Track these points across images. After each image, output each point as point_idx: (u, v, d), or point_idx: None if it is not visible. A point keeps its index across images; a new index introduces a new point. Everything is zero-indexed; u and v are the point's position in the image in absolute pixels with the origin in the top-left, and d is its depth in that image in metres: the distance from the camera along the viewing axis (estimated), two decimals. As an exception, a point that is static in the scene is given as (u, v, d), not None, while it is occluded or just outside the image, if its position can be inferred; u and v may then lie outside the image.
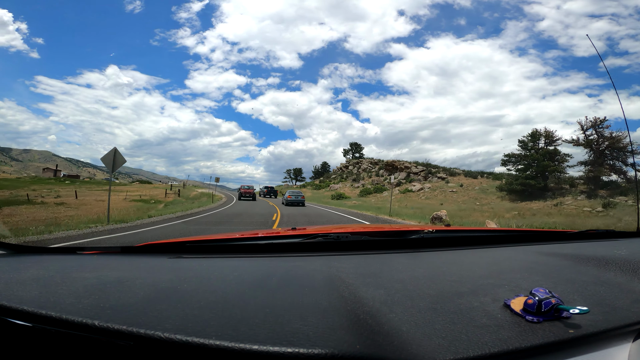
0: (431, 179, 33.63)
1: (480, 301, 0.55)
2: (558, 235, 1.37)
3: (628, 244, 1.10)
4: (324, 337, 0.42)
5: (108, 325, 0.45)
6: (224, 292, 0.59)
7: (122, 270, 0.75)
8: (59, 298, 0.55)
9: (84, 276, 0.69)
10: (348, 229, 1.30)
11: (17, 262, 0.85)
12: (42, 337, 0.49)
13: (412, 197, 28.66)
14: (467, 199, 25.29)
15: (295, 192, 21.39)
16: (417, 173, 35.47)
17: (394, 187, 29.53)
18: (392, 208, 15.56)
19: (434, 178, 33.51)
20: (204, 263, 0.86)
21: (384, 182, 36.71)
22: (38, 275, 0.69)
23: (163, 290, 0.59)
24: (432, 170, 35.22)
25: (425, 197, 27.98)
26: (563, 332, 0.45)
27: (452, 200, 25.00)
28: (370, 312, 0.51)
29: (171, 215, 10.77)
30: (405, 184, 33.98)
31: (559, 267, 0.78)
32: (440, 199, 25.97)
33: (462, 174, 33.34)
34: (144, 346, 0.43)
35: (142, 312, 0.49)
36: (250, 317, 0.47)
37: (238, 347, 0.40)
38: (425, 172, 35.02)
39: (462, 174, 33.34)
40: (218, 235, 1.29)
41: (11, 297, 0.55)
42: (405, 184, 33.98)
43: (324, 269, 0.76)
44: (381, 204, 22.09)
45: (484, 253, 1.00)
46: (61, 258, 0.93)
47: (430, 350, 0.41)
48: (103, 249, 1.05)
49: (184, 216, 10.73)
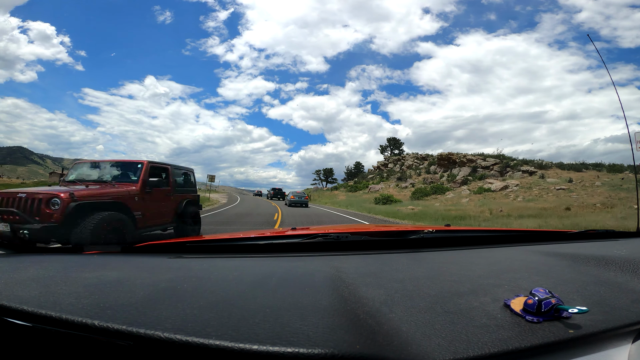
0: (512, 173, 24.63)
1: (480, 301, 0.55)
2: (558, 235, 1.37)
3: (628, 244, 1.10)
4: (324, 337, 0.42)
5: (108, 325, 0.45)
6: (224, 292, 0.59)
7: (122, 270, 0.75)
8: (58, 298, 0.55)
9: (84, 276, 0.69)
10: (348, 229, 1.30)
11: (17, 262, 0.85)
12: (42, 337, 0.49)
13: (497, 198, 19.61)
14: (604, 199, 15.37)
15: (299, 194, 22.75)
16: (487, 167, 26.33)
17: (459, 186, 24.42)
18: (494, 217, 10.78)
19: (516, 172, 24.45)
20: (204, 263, 0.86)
21: (440, 180, 28.41)
22: (38, 275, 0.69)
23: (163, 290, 0.59)
24: (510, 163, 25.79)
25: (519, 197, 18.70)
26: (563, 332, 0.45)
27: (578, 201, 15.29)
28: (370, 312, 0.51)
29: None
30: (474, 182, 24.94)
31: (558, 267, 0.78)
32: (552, 200, 16.48)
33: (555, 167, 24.38)
34: (143, 346, 0.43)
35: (142, 312, 0.49)
36: (250, 317, 0.47)
37: (238, 347, 0.40)
38: (501, 166, 25.69)
39: (555, 167, 24.38)
40: (218, 235, 1.29)
41: (11, 297, 0.55)
42: (474, 182, 24.94)
43: (324, 269, 0.76)
44: (459, 209, 14.87)
45: (484, 253, 1.00)
46: (61, 258, 0.93)
47: (430, 350, 0.41)
48: (103, 249, 1.05)
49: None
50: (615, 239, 1.26)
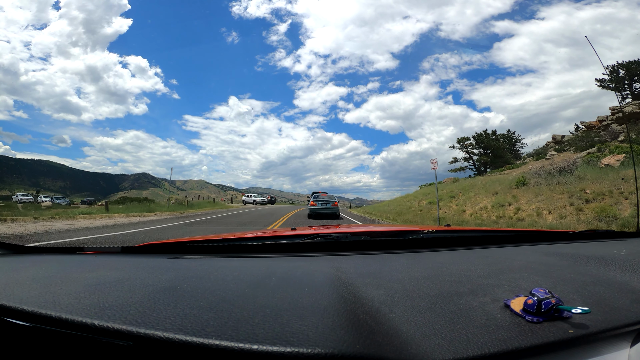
0: None
1: (480, 301, 0.55)
2: (558, 235, 1.37)
3: (628, 244, 1.10)
4: (323, 337, 0.42)
5: (108, 325, 0.45)
6: (223, 292, 0.59)
7: (122, 270, 0.75)
8: (58, 298, 0.55)
9: (84, 276, 0.69)
10: (348, 229, 1.30)
11: (17, 262, 0.85)
12: (41, 337, 0.49)
13: None
14: None
15: (324, 199, 13.74)
16: None
17: None
18: None
19: None
20: (203, 263, 0.86)
21: None
22: (38, 275, 0.69)
23: (163, 290, 0.59)
24: None
25: None
26: (563, 332, 0.45)
27: None
28: (370, 312, 0.51)
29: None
30: None
31: (558, 267, 0.78)
32: None
33: None
34: (143, 346, 0.43)
35: (141, 312, 0.49)
36: (250, 317, 0.47)
37: (238, 347, 0.40)
38: None
39: None
40: (218, 235, 1.29)
41: (11, 297, 0.55)
42: None
43: (323, 269, 0.76)
44: None
45: (484, 253, 1.00)
46: (61, 258, 0.93)
47: (429, 350, 0.41)
48: (103, 249, 1.05)
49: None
50: (615, 239, 1.26)
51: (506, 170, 22.46)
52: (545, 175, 12.06)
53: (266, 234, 1.47)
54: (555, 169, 12.17)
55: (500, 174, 19.91)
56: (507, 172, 20.79)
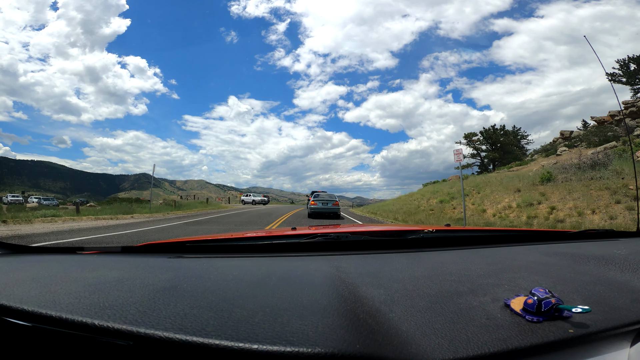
0: None
1: (480, 301, 0.55)
2: (558, 235, 1.37)
3: (628, 244, 1.10)
4: (323, 337, 0.42)
5: (108, 325, 0.45)
6: (223, 291, 0.59)
7: (122, 270, 0.75)
8: (58, 298, 0.55)
9: (84, 276, 0.69)
10: (348, 229, 1.30)
11: (17, 262, 0.85)
12: (42, 336, 0.49)
13: None
14: None
15: (324, 198, 14.26)
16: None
17: None
18: None
19: None
20: (203, 263, 0.86)
21: None
22: (38, 275, 0.69)
23: (163, 290, 0.59)
24: None
25: None
26: (563, 331, 0.45)
27: None
28: (370, 311, 0.51)
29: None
30: None
31: (558, 266, 0.78)
32: None
33: None
34: (143, 346, 0.43)
35: (141, 311, 0.49)
36: (250, 317, 0.47)
37: (238, 347, 0.40)
38: None
39: None
40: (218, 235, 1.29)
41: (11, 296, 0.55)
42: None
43: (323, 268, 0.76)
44: None
45: (484, 253, 1.00)
46: (61, 258, 0.93)
47: (429, 350, 0.41)
48: (103, 249, 1.05)
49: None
50: (615, 239, 1.25)
51: (514, 167, 21.82)
52: (575, 170, 10.89)
53: (266, 233, 1.47)
54: (586, 163, 11.07)
55: (509, 171, 19.16)
56: (515, 168, 20.16)
